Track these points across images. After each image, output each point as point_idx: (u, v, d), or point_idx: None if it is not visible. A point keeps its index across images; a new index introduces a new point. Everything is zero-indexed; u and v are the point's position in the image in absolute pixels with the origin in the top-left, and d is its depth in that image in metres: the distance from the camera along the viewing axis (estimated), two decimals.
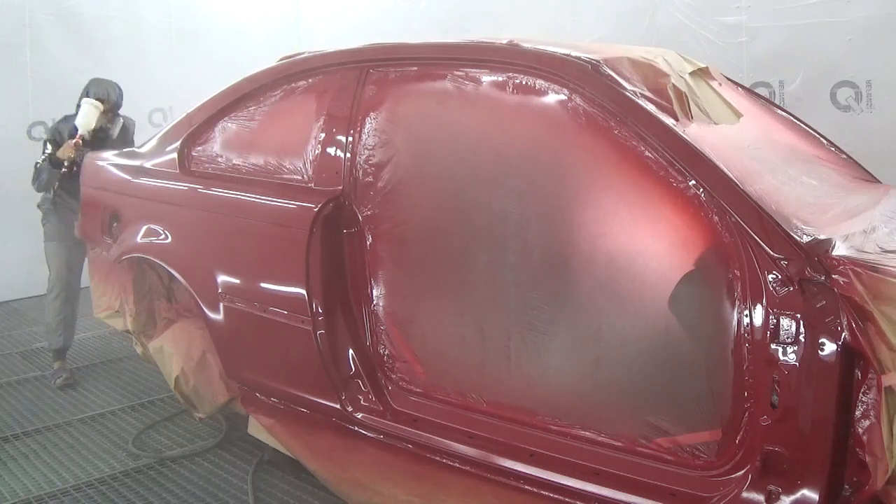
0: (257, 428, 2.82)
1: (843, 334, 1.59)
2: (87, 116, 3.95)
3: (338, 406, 2.45)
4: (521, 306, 2.13)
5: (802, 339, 1.66)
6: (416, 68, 2.41)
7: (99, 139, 4.09)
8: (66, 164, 3.89)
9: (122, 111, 4.20)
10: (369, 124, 2.42)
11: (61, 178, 3.95)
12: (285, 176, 2.61)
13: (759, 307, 1.72)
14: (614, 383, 2.04)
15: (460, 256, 2.28)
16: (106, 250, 3.31)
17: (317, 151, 2.53)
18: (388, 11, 6.04)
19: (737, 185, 1.78)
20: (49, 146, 4.03)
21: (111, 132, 4.16)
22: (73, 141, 3.89)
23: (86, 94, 4.11)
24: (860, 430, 1.58)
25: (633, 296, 1.97)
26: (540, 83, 2.11)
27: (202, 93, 3.06)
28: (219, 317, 2.74)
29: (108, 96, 4.10)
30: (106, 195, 3.36)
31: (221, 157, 2.88)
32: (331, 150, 2.49)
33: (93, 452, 3.20)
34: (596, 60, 2.05)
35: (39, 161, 4.04)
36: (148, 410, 3.63)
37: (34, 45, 5.55)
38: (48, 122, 5.64)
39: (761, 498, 1.71)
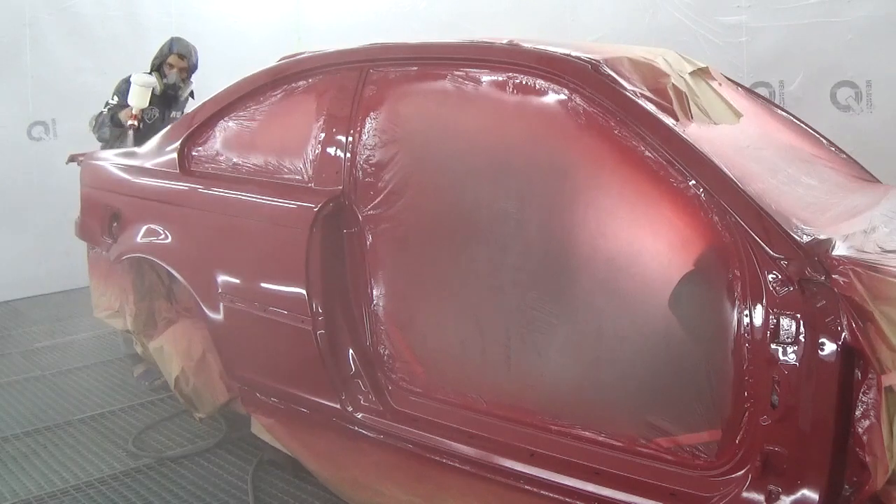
0: (260, 428, 2.82)
1: (843, 334, 1.59)
2: (140, 98, 3.99)
3: (338, 406, 2.45)
4: (521, 306, 2.13)
5: (802, 339, 1.66)
6: (416, 68, 2.41)
7: (168, 97, 4.20)
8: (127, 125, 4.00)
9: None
10: (369, 124, 2.42)
11: (121, 135, 4.03)
12: (285, 176, 2.61)
13: (759, 307, 1.72)
14: (614, 383, 2.04)
15: (460, 256, 2.28)
16: (106, 250, 3.31)
17: (317, 151, 2.53)
18: (388, 11, 6.04)
19: (737, 184, 1.78)
20: (116, 98, 4.11)
21: (181, 93, 4.24)
22: (132, 113, 3.96)
23: (168, 49, 4.21)
24: (860, 430, 1.58)
25: (632, 296, 1.97)
26: (540, 83, 2.11)
27: (202, 92, 3.06)
28: (219, 317, 2.74)
29: (189, 55, 4.21)
30: (106, 195, 3.36)
31: (221, 156, 2.88)
32: (331, 150, 2.49)
33: (93, 452, 3.20)
34: (596, 60, 2.05)
35: (104, 111, 4.11)
36: (148, 410, 3.63)
37: (34, 45, 5.55)
38: (48, 122, 5.67)
39: (761, 498, 1.71)
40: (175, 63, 4.25)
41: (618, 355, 2.01)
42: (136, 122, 4.02)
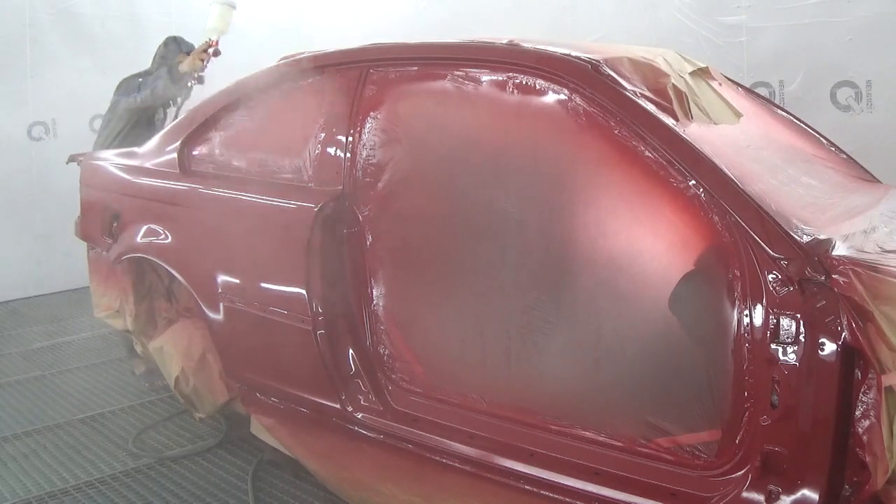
0: (259, 428, 2.82)
1: (843, 334, 1.59)
2: (224, 18, 3.54)
3: (338, 406, 2.45)
4: (522, 306, 2.13)
5: (802, 339, 1.66)
6: (416, 68, 2.41)
7: (188, 85, 3.99)
8: (191, 77, 3.63)
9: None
10: (369, 124, 2.42)
11: (167, 101, 3.68)
12: (285, 176, 2.61)
13: (759, 307, 1.72)
14: (614, 383, 2.04)
15: (460, 256, 2.28)
16: (106, 250, 3.31)
17: (317, 151, 2.53)
18: (388, 11, 6.04)
19: (737, 184, 1.78)
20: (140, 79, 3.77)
21: (200, 81, 3.99)
22: (207, 46, 3.53)
23: (177, 49, 3.89)
24: (860, 430, 1.58)
25: (633, 296, 1.97)
26: (540, 83, 2.11)
27: (202, 92, 3.06)
28: (219, 316, 2.74)
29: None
30: (106, 195, 3.36)
31: (221, 157, 2.88)
32: (331, 150, 2.49)
33: (93, 452, 3.20)
34: (596, 60, 2.05)
35: (152, 70, 3.77)
36: (148, 410, 3.62)
37: (34, 45, 5.55)
38: (48, 122, 5.67)
39: (761, 498, 1.71)
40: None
41: (618, 355, 2.01)
42: (200, 66, 3.63)
